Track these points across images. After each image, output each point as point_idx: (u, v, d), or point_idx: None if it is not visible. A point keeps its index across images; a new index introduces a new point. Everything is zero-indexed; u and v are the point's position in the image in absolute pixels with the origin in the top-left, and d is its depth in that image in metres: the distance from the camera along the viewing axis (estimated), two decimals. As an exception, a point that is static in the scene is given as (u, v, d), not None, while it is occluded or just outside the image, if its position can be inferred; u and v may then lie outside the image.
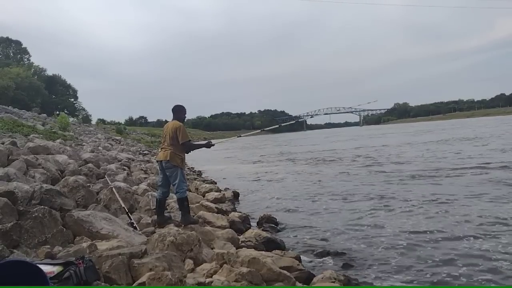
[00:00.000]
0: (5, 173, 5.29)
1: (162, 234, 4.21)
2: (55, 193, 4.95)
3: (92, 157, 10.00)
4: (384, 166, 14.74)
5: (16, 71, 53.45)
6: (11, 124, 14.89)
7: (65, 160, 8.11)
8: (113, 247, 3.75)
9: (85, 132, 31.55)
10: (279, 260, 4.44)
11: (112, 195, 5.99)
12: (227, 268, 3.70)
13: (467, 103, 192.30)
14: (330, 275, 3.93)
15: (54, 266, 2.57)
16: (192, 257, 4.07)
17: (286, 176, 14.68)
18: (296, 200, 9.69)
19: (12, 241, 3.54)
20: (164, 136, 5.79)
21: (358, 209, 7.94)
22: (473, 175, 10.79)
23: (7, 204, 3.90)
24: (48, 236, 3.86)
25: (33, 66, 71.55)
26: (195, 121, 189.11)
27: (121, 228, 4.60)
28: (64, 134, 18.03)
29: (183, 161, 5.72)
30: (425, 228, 6.17)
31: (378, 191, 9.68)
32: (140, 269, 3.34)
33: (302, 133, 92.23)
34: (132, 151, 22.13)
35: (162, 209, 5.73)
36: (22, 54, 74.93)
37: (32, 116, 30.27)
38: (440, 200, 7.97)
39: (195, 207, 7.27)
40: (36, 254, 3.52)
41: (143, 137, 59.30)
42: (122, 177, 8.34)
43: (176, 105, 5.97)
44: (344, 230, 6.54)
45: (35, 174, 6.12)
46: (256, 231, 5.99)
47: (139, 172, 11.15)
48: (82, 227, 4.26)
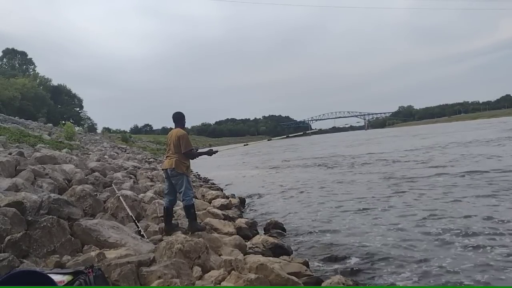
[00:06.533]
0: (13, 183, 5.33)
1: (169, 242, 4.21)
2: (63, 203, 4.98)
3: (98, 166, 10.04)
4: (387, 170, 14.68)
5: (21, 82, 54.04)
6: (18, 135, 15.00)
7: (72, 169, 8.16)
8: (122, 255, 3.77)
9: (91, 141, 31.70)
10: (287, 266, 4.43)
11: (119, 203, 6.01)
12: (235, 274, 3.69)
13: (472, 105, 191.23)
14: (339, 280, 3.92)
15: (64, 275, 2.57)
16: (200, 264, 4.08)
17: (293, 182, 14.65)
18: (303, 205, 9.66)
19: (21, 251, 3.57)
20: (169, 144, 5.82)
21: (366, 214, 7.90)
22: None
23: (16, 214, 3.93)
24: (57, 246, 3.89)
25: (39, 76, 72.29)
26: (200, 128, 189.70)
27: (129, 236, 4.61)
28: (70, 144, 18.12)
29: (188, 169, 5.74)
30: (437, 232, 6.11)
31: (386, 196, 9.62)
32: (149, 277, 3.35)
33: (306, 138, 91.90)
34: (137, 159, 22.18)
35: (170, 217, 5.74)
36: (27, 64, 75.78)
37: (38, 126, 30.54)
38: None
39: (202, 214, 7.27)
40: (45, 263, 3.55)
41: (148, 145, 59.55)
42: (129, 185, 8.36)
43: (176, 112, 5.97)
44: (352, 235, 6.51)
45: (43, 184, 6.16)
46: (263, 237, 5.98)
47: (145, 180, 11.18)
48: (90, 236, 4.29)
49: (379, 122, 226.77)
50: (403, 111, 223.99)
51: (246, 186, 14.83)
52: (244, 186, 14.89)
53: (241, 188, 14.30)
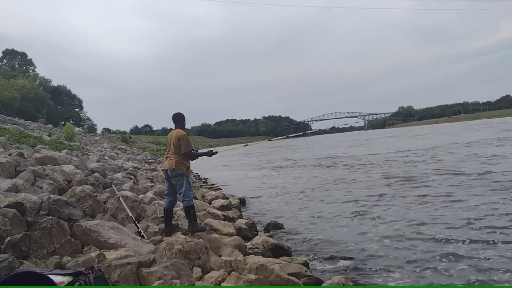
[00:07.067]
0: (13, 184, 5.33)
1: (169, 243, 4.21)
2: (63, 203, 4.98)
3: (98, 167, 10.03)
4: (387, 171, 14.68)
5: (21, 83, 54.05)
6: (17, 135, 15.00)
7: (72, 170, 8.16)
8: (122, 256, 3.77)
9: (90, 141, 31.71)
10: (287, 266, 4.43)
11: (119, 204, 6.01)
12: (235, 275, 3.70)
13: (472, 105, 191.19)
14: (339, 281, 3.92)
15: (64, 276, 2.58)
16: (200, 265, 4.08)
17: (293, 182, 14.67)
18: (303, 206, 9.66)
19: (21, 252, 3.57)
20: (168, 145, 5.82)
21: (366, 214, 7.90)
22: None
23: (16, 215, 3.93)
24: (57, 247, 3.89)
25: (39, 77, 72.36)
26: (200, 129, 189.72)
27: (129, 237, 4.61)
28: (70, 144, 18.13)
29: (188, 169, 5.74)
30: (437, 233, 6.11)
31: (386, 196, 9.62)
32: (149, 278, 3.36)
33: (305, 138, 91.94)
34: (137, 160, 22.18)
35: (170, 218, 5.74)
36: (27, 65, 75.84)
37: (38, 127, 30.57)
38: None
39: (202, 214, 7.27)
40: (46, 264, 3.55)
41: (148, 145, 59.57)
42: (129, 186, 8.36)
43: (176, 113, 5.98)
44: (352, 235, 6.51)
45: (43, 185, 6.15)
46: (263, 238, 5.98)
47: (145, 181, 11.18)
48: (90, 237, 4.29)
49: (379, 123, 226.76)
50: (403, 112, 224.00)
51: (246, 187, 14.83)
52: (244, 187, 14.89)
53: (241, 188, 14.30)
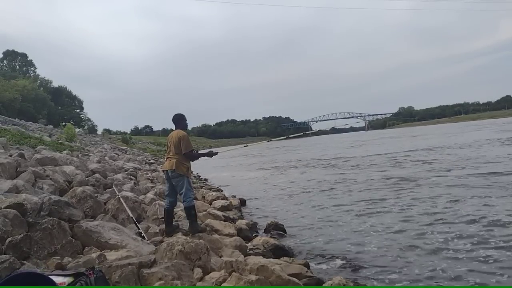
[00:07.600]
0: (14, 185, 5.33)
1: (170, 243, 4.21)
2: (63, 204, 4.98)
3: (99, 168, 10.04)
4: (388, 171, 14.68)
5: (22, 84, 54.10)
6: (18, 136, 15.02)
7: (73, 171, 8.16)
8: (122, 257, 3.77)
9: (91, 142, 31.75)
10: (288, 267, 4.43)
11: (119, 205, 6.01)
12: (236, 276, 3.69)
13: (472, 106, 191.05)
14: (339, 281, 3.91)
15: (65, 277, 2.58)
16: (201, 266, 4.08)
17: (293, 183, 14.66)
18: (304, 206, 9.65)
19: (22, 252, 3.57)
20: (169, 145, 5.82)
21: (366, 215, 7.89)
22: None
23: (17, 216, 3.94)
24: (58, 247, 3.89)
25: (39, 78, 72.41)
26: (200, 129, 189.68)
27: (130, 237, 4.62)
28: (71, 145, 18.15)
29: (188, 170, 5.74)
30: (437, 233, 6.11)
31: (386, 197, 9.61)
32: (149, 279, 3.36)
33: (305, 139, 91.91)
34: (138, 161, 22.22)
35: (170, 219, 5.75)
36: (28, 66, 75.90)
37: (38, 127, 30.59)
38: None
39: (202, 215, 7.27)
40: (46, 265, 3.55)
41: (148, 146, 59.60)
42: (129, 186, 8.37)
43: (176, 114, 5.99)
44: (352, 236, 6.51)
45: (43, 186, 6.16)
46: (264, 238, 5.98)
47: (146, 182, 11.19)
48: (90, 238, 4.29)
49: (379, 123, 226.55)
50: (403, 112, 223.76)
51: (247, 187, 14.83)
52: (244, 187, 14.89)
53: (242, 189, 14.30)
